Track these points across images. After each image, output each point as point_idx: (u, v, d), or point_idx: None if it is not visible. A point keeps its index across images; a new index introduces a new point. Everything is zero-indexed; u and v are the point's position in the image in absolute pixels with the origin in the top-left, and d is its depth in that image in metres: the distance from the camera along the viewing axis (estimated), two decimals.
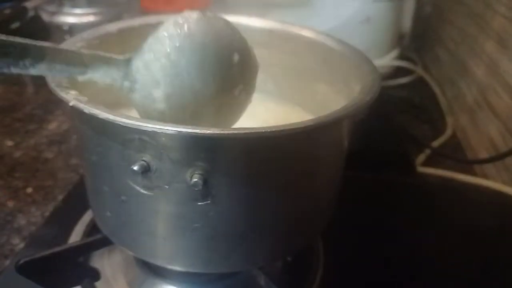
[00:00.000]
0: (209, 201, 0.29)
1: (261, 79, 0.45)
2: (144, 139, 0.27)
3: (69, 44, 0.36)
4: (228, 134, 0.26)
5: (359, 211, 0.49)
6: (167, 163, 0.28)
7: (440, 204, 0.53)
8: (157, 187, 0.29)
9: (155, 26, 0.42)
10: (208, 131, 0.25)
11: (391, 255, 0.45)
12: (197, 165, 0.27)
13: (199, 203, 0.29)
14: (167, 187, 0.29)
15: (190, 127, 0.25)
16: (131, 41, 0.40)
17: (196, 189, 0.27)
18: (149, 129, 0.25)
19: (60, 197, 0.52)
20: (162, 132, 0.26)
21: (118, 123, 0.26)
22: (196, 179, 0.27)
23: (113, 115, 0.26)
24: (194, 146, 0.27)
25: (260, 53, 0.44)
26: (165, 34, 0.29)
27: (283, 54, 0.43)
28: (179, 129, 0.25)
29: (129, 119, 0.26)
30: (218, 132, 0.26)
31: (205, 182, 0.28)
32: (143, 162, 0.28)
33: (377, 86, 0.33)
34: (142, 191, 0.30)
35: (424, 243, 0.48)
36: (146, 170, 0.28)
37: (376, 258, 0.45)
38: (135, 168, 0.28)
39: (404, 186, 0.56)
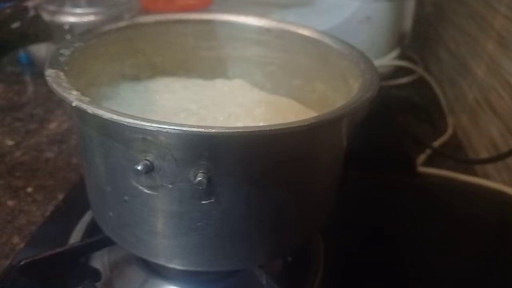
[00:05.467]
0: (212, 200, 0.29)
1: (259, 77, 0.45)
2: (147, 138, 0.27)
3: (68, 43, 0.36)
4: (231, 132, 0.26)
5: (359, 210, 0.49)
6: (170, 163, 0.28)
7: (441, 204, 0.53)
8: (161, 187, 0.29)
9: (153, 26, 0.42)
10: (212, 130, 0.26)
11: (391, 254, 0.45)
12: (201, 164, 0.27)
13: (203, 202, 0.29)
14: (170, 186, 0.29)
15: (194, 125, 0.26)
16: (131, 41, 0.41)
17: (200, 188, 0.28)
18: (153, 129, 0.25)
19: (61, 197, 0.52)
20: (165, 132, 0.26)
21: (121, 123, 0.26)
22: (200, 178, 0.27)
23: (117, 115, 0.26)
24: (197, 145, 0.27)
25: (258, 51, 0.44)
26: None
27: (281, 53, 0.43)
28: (183, 128, 0.25)
29: (132, 118, 0.26)
30: (222, 130, 0.26)
31: (209, 180, 0.28)
32: (146, 161, 0.28)
33: (377, 83, 0.33)
34: (145, 190, 0.30)
35: (424, 242, 0.48)
36: (149, 169, 0.28)
37: (377, 258, 0.45)
38: (139, 167, 0.28)
39: (405, 186, 0.56)
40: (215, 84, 0.45)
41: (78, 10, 0.74)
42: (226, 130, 0.26)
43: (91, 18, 0.73)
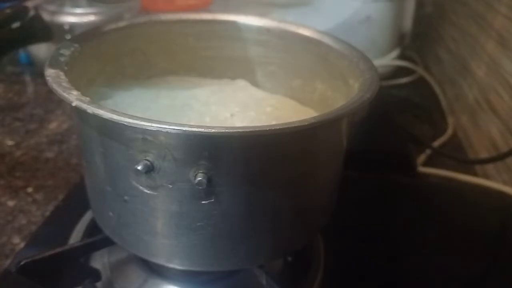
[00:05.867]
0: (212, 200, 0.29)
1: (260, 77, 0.45)
2: (147, 138, 0.27)
3: (68, 43, 0.36)
4: (231, 132, 0.26)
5: (360, 211, 0.49)
6: (170, 162, 0.28)
7: (441, 204, 0.53)
8: (161, 187, 0.29)
9: (153, 26, 0.42)
10: (212, 130, 0.25)
11: (391, 254, 0.45)
12: (201, 164, 0.27)
13: (203, 202, 0.29)
14: (170, 186, 0.29)
15: (194, 125, 0.26)
16: (131, 41, 0.41)
17: (200, 187, 0.27)
18: (153, 129, 0.25)
19: (61, 197, 0.52)
20: (165, 132, 0.26)
21: (121, 123, 0.26)
22: (200, 178, 0.27)
23: (117, 115, 0.26)
24: (198, 145, 0.27)
25: (258, 51, 0.44)
26: None
27: (281, 52, 0.43)
28: (183, 128, 0.25)
29: (132, 118, 0.26)
30: (222, 130, 0.26)
31: (209, 180, 0.28)
32: (146, 161, 0.28)
33: (377, 83, 0.33)
34: (145, 190, 0.29)
35: (424, 242, 0.48)
36: (149, 169, 0.28)
37: (376, 258, 0.45)
38: (139, 168, 0.28)
39: (405, 186, 0.56)
40: (217, 83, 0.45)
41: (78, 10, 0.74)
42: (226, 130, 0.26)
43: (91, 18, 0.73)
